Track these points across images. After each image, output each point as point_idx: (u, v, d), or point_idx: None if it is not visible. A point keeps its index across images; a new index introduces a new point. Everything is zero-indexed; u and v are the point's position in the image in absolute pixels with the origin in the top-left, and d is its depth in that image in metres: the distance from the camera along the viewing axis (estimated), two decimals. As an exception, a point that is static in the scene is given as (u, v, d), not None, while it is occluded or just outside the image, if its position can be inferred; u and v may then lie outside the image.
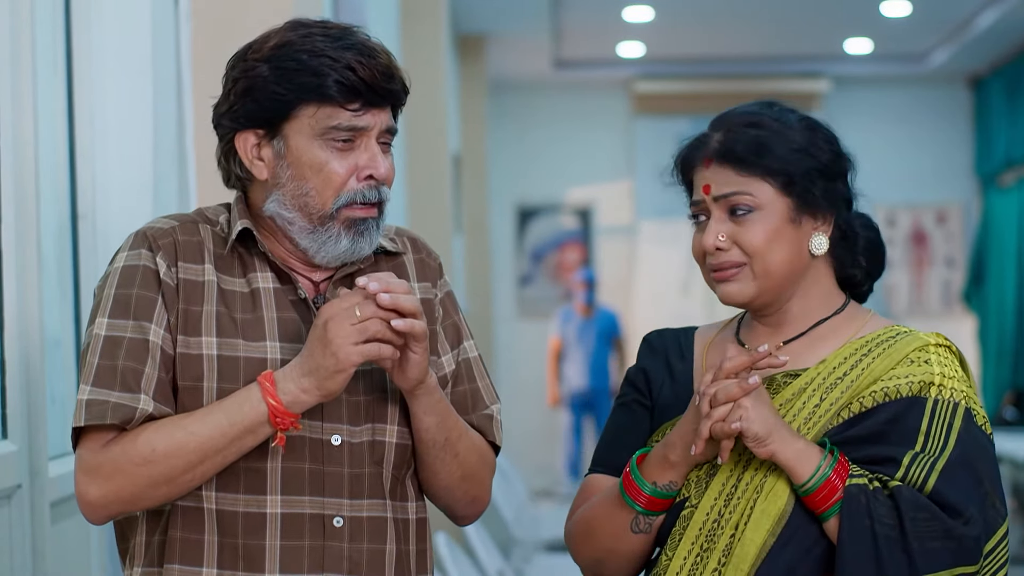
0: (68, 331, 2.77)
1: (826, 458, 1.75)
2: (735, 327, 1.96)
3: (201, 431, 1.76)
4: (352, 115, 1.83)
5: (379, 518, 1.86)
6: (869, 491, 1.73)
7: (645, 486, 1.83)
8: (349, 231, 1.85)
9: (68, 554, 2.58)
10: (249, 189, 1.91)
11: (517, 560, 6.00)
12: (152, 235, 1.86)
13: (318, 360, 1.74)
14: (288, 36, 1.84)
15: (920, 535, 1.71)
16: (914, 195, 11.21)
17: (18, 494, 2.27)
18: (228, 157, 1.89)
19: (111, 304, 1.82)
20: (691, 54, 10.41)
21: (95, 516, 1.80)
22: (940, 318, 11.19)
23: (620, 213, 11.13)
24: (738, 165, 1.83)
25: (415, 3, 6.64)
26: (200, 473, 1.77)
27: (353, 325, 1.73)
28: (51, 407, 2.54)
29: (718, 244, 1.83)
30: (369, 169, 1.85)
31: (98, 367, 1.78)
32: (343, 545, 1.83)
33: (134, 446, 1.75)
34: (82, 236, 2.79)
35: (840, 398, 1.81)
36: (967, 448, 1.77)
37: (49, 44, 2.71)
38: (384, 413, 1.88)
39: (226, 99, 1.87)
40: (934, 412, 1.78)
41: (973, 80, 11.03)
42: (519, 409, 10.27)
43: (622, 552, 1.88)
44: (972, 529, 1.73)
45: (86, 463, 1.77)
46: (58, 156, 2.73)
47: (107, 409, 1.76)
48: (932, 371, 1.80)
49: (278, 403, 1.75)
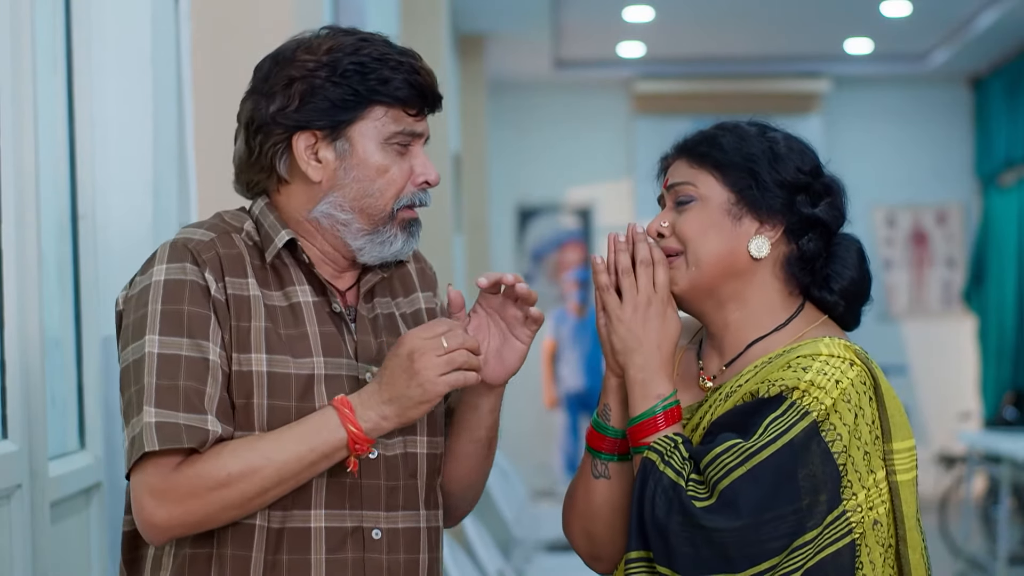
0: (68, 331, 2.77)
1: (663, 402, 1.82)
2: (698, 341, 1.98)
3: (277, 456, 1.75)
4: (413, 120, 1.86)
5: (413, 528, 1.89)
6: (658, 471, 1.76)
7: (593, 421, 1.92)
8: (404, 231, 1.88)
9: (68, 554, 2.58)
10: (280, 193, 1.89)
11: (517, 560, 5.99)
12: (194, 248, 1.82)
13: (401, 390, 1.76)
14: (340, 40, 1.84)
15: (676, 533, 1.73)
16: (914, 195, 11.21)
17: (18, 494, 2.26)
18: (274, 158, 1.86)
19: (160, 320, 1.77)
20: (691, 54, 10.41)
21: (160, 538, 1.77)
22: (940, 318, 11.20)
23: (620, 213, 11.13)
24: (690, 158, 1.90)
25: (415, 3, 6.64)
26: (271, 496, 1.77)
27: (439, 356, 1.76)
28: (51, 407, 2.53)
29: (659, 229, 1.89)
30: (425, 175, 1.88)
31: (158, 387, 1.74)
32: (382, 557, 1.85)
33: (208, 470, 1.73)
34: (82, 236, 2.79)
35: (729, 406, 1.83)
36: (794, 457, 1.73)
37: (49, 44, 2.70)
38: (413, 425, 1.89)
39: (272, 100, 1.84)
40: (783, 412, 1.76)
41: (973, 80, 11.03)
42: (519, 409, 10.27)
43: (597, 511, 1.91)
44: (729, 536, 1.71)
45: (154, 486, 1.73)
46: (58, 156, 2.73)
47: (180, 432, 1.72)
48: (802, 377, 1.77)
49: (359, 430, 1.76)
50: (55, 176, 2.70)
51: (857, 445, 1.77)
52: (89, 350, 2.79)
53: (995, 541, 7.86)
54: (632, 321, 1.84)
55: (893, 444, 1.81)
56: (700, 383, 1.92)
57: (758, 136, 1.89)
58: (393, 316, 1.96)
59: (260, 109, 1.85)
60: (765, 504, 1.72)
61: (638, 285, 1.85)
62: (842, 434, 1.76)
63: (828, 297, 1.90)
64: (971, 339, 10.95)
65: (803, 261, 1.88)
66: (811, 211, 1.87)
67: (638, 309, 1.84)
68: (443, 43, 6.93)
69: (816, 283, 1.90)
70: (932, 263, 11.26)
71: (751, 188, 1.86)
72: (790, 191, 1.86)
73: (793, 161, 1.87)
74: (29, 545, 2.28)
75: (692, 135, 1.93)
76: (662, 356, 1.84)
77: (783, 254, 1.88)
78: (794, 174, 1.87)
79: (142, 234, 2.84)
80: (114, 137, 2.85)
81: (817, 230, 1.88)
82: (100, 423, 2.77)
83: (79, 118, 2.80)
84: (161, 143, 2.90)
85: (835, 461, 1.75)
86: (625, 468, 1.89)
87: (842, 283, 1.90)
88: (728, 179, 1.87)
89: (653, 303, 1.85)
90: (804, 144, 1.92)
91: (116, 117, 2.85)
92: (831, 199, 1.90)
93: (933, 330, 11.22)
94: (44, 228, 2.46)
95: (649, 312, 1.84)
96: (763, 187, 1.85)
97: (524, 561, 5.99)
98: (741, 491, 1.72)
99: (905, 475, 1.82)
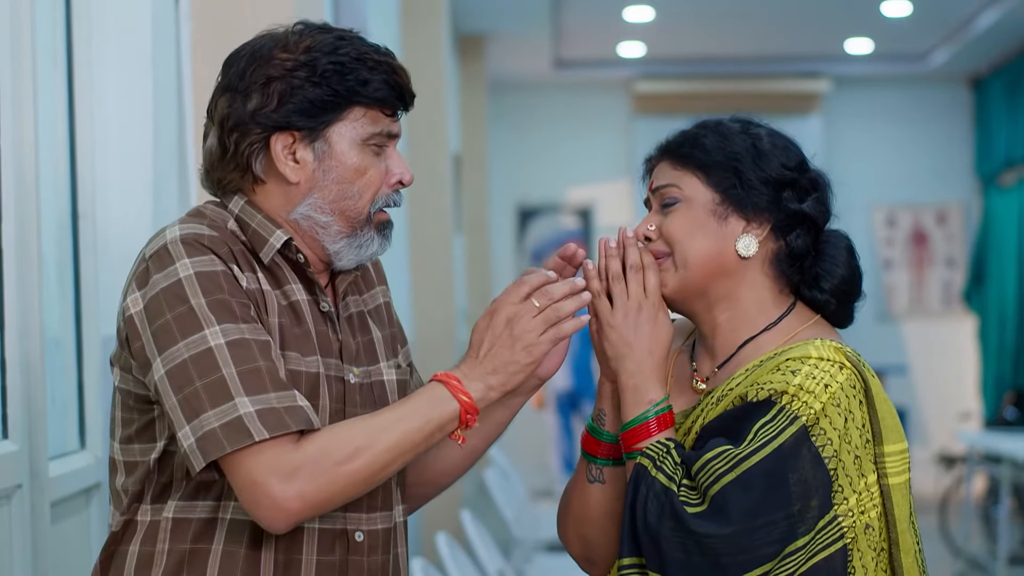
0: (69, 331, 2.77)
1: (655, 407, 1.82)
2: (691, 345, 1.98)
3: (399, 427, 1.75)
4: (390, 121, 1.85)
5: (387, 528, 1.90)
6: (650, 476, 1.76)
7: (588, 426, 1.93)
8: (379, 234, 1.88)
9: (68, 554, 2.58)
10: (256, 192, 1.86)
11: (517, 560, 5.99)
12: (208, 243, 1.78)
13: (506, 357, 1.80)
14: (318, 38, 1.82)
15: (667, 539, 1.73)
16: (914, 195, 11.21)
17: (18, 494, 2.26)
18: (250, 158, 1.83)
19: (210, 312, 1.72)
20: (691, 54, 10.41)
21: (289, 521, 1.72)
22: (940, 318, 11.20)
23: (620, 213, 11.13)
24: (674, 159, 1.90)
25: (415, 3, 6.64)
26: (391, 471, 1.77)
27: (535, 317, 1.80)
28: (51, 407, 2.53)
29: (646, 232, 1.89)
30: (400, 175, 1.87)
31: (240, 375, 1.70)
32: (363, 559, 1.86)
33: (333, 444, 1.72)
34: (82, 235, 2.79)
35: (720, 410, 1.83)
36: (784, 462, 1.72)
37: (49, 42, 2.70)
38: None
39: (248, 98, 1.81)
40: (772, 418, 1.74)
41: (973, 80, 11.03)
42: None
43: (592, 515, 1.91)
44: (720, 542, 1.70)
45: (280, 468, 1.69)
46: (58, 155, 2.73)
47: (282, 415, 1.70)
48: (791, 381, 1.76)
49: (470, 399, 1.79)
50: (55, 176, 2.70)
51: (847, 449, 1.76)
52: (89, 350, 2.79)
53: (995, 541, 7.86)
54: (623, 327, 1.84)
55: (885, 447, 1.80)
56: (693, 385, 1.91)
57: (741, 133, 1.88)
58: (363, 314, 1.96)
59: (236, 107, 1.82)
60: (756, 510, 1.71)
61: (629, 291, 1.85)
62: (832, 439, 1.75)
63: (819, 296, 1.89)
64: (971, 339, 10.95)
65: (792, 258, 1.88)
66: (798, 207, 1.86)
67: (629, 315, 1.84)
68: (443, 43, 6.93)
69: (806, 282, 1.89)
70: (932, 263, 11.26)
71: (735, 187, 1.85)
72: (776, 188, 1.86)
73: (777, 157, 1.86)
74: (29, 545, 2.28)
75: (675, 136, 1.92)
76: (654, 361, 1.84)
77: (771, 251, 1.88)
78: (779, 170, 1.86)
79: (142, 234, 2.84)
80: (114, 136, 2.85)
81: (805, 226, 1.87)
82: (100, 423, 2.77)
83: (79, 117, 2.80)
84: (161, 142, 2.90)
85: (826, 466, 1.74)
86: (620, 473, 1.89)
87: (833, 281, 1.89)
88: (712, 179, 1.86)
89: (644, 308, 1.85)
90: (788, 140, 1.91)
91: (116, 116, 2.85)
92: (818, 194, 1.89)
93: (933, 330, 11.22)
94: (44, 228, 2.46)
95: (640, 317, 1.84)
96: (748, 185, 1.85)
97: (524, 561, 5.98)
98: (731, 497, 1.71)
99: (897, 478, 1.81)
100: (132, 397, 1.82)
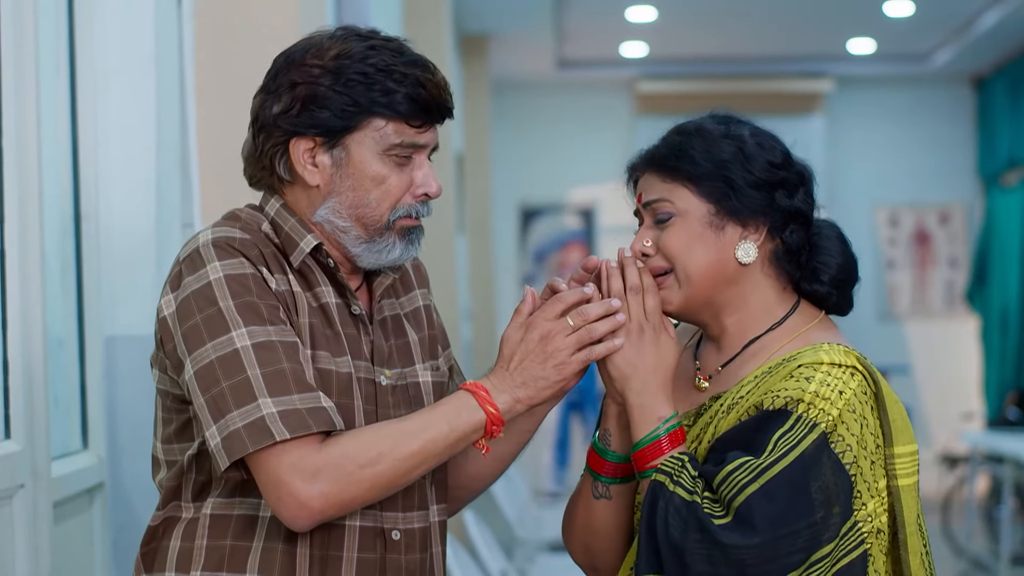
0: (71, 331, 2.77)
1: (665, 424, 1.81)
2: (695, 343, 1.98)
3: (424, 434, 1.76)
4: (415, 132, 1.85)
5: (424, 527, 1.91)
6: (668, 491, 1.75)
7: (593, 444, 1.92)
8: (402, 239, 1.88)
9: (70, 554, 2.58)
10: (286, 192, 1.89)
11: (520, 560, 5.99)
12: (239, 246, 1.80)
13: (536, 372, 1.81)
14: (350, 46, 1.83)
15: (692, 551, 1.72)
16: (917, 195, 11.20)
17: (21, 494, 2.27)
18: (273, 158, 1.86)
19: (239, 314, 1.75)
20: (694, 54, 10.41)
21: (312, 520, 1.74)
22: (943, 318, 11.19)
23: (623, 213, 11.02)
24: (661, 172, 1.88)
25: (418, 3, 6.64)
26: (414, 476, 1.78)
27: (568, 337, 1.81)
28: (54, 407, 2.54)
29: (643, 249, 1.88)
30: (425, 188, 1.87)
31: (264, 376, 1.72)
32: (400, 557, 1.87)
33: (357, 447, 1.74)
34: (85, 236, 2.79)
35: (733, 419, 1.82)
36: (806, 470, 1.72)
37: (52, 44, 2.71)
38: None
39: (277, 100, 1.84)
40: (791, 427, 1.74)
41: (976, 80, 11.02)
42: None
43: (597, 528, 1.91)
44: (747, 553, 1.69)
45: (304, 468, 1.71)
46: (61, 156, 2.73)
47: (304, 416, 1.72)
48: (806, 388, 1.75)
49: (496, 411, 1.79)
50: (58, 176, 2.71)
51: (864, 455, 1.76)
52: (92, 350, 2.80)
53: (998, 541, 7.85)
54: (626, 349, 1.84)
55: (895, 448, 1.80)
56: (696, 383, 1.91)
57: (724, 138, 1.86)
58: (399, 317, 1.97)
59: (265, 108, 1.85)
60: (780, 520, 1.70)
61: (629, 313, 1.84)
62: (851, 444, 1.75)
63: (820, 289, 1.89)
64: (974, 339, 10.94)
65: (789, 253, 1.88)
66: (791, 204, 1.86)
67: (630, 337, 1.84)
68: (446, 43, 6.93)
69: (805, 277, 1.90)
70: (935, 263, 11.26)
71: (728, 196, 1.84)
72: (767, 189, 1.85)
73: (764, 157, 1.85)
74: (32, 545, 2.28)
75: (658, 145, 1.90)
76: (659, 379, 1.84)
77: (769, 251, 1.87)
78: (768, 171, 1.85)
79: (145, 234, 2.84)
80: (117, 137, 2.85)
81: (798, 221, 1.87)
82: (103, 423, 2.78)
83: (82, 118, 2.81)
84: (164, 143, 2.90)
85: (847, 472, 1.74)
86: (625, 488, 1.90)
87: (831, 272, 1.89)
88: (703, 190, 1.84)
89: (645, 330, 1.84)
90: (770, 135, 1.89)
91: (119, 117, 2.85)
92: (805, 187, 1.89)
93: (936, 330, 11.22)
94: (47, 228, 2.46)
95: (643, 339, 1.84)
96: (740, 192, 1.83)
97: (527, 561, 5.99)
98: (755, 507, 1.70)
99: (907, 480, 1.81)
100: (170, 397, 1.86)
